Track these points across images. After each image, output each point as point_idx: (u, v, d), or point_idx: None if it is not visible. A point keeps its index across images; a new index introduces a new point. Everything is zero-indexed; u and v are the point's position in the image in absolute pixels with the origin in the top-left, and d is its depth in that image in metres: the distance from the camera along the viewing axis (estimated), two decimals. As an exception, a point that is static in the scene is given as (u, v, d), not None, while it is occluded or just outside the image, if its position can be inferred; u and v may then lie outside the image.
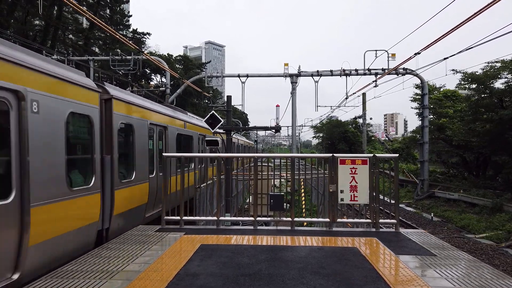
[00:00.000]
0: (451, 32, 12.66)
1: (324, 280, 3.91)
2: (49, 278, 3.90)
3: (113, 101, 6.41)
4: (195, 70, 45.18)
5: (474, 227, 15.90)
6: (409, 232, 6.20)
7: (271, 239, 5.61)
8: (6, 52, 4.00)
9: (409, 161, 40.48)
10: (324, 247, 5.23)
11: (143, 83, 37.74)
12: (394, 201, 6.33)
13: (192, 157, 10.23)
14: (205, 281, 3.85)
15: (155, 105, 9.15)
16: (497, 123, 18.82)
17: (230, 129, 11.46)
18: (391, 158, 6.96)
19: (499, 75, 19.58)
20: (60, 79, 4.95)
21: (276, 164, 14.06)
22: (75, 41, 31.31)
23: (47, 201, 4.49)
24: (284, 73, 24.06)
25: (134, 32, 36.90)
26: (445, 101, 27.55)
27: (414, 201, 23.83)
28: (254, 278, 3.95)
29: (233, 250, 5.02)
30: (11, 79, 4.00)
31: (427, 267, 4.34)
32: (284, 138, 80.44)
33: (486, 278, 3.96)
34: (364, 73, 23.03)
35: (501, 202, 17.09)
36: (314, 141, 79.34)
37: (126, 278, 3.89)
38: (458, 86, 23.84)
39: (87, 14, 12.98)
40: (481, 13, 10.99)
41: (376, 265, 4.39)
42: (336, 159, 6.20)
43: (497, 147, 20.39)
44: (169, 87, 24.19)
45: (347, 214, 7.19)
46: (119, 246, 5.16)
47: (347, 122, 52.41)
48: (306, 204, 15.88)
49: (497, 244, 13.34)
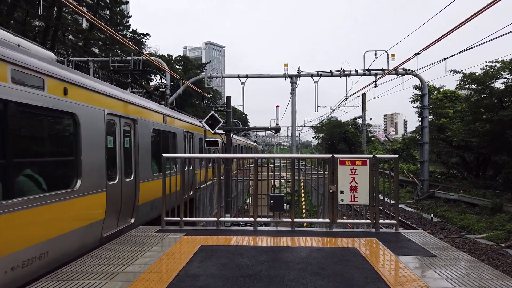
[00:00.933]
0: (450, 32, 12.68)
1: (324, 281, 3.91)
2: (49, 279, 3.90)
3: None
4: (194, 70, 45.23)
5: (474, 227, 15.91)
6: (409, 233, 6.20)
7: (271, 240, 5.61)
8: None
9: (409, 161, 40.49)
10: (324, 247, 5.23)
11: (143, 83, 37.76)
12: (394, 202, 6.33)
13: (194, 158, 9.93)
14: (205, 282, 3.85)
15: (117, 90, 7.03)
16: (497, 123, 18.82)
17: (230, 130, 11.46)
18: (391, 159, 6.97)
19: (499, 75, 19.59)
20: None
21: (276, 165, 14.05)
22: (74, 42, 31.30)
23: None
24: (284, 74, 24.10)
25: (134, 33, 36.91)
26: (445, 101, 27.57)
27: (414, 202, 23.84)
28: (254, 279, 3.95)
29: (233, 251, 5.02)
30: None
31: (427, 268, 4.34)
32: (284, 139, 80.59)
33: (486, 279, 3.96)
34: (364, 73, 23.07)
35: (501, 202, 17.10)
36: (314, 141, 79.37)
37: (126, 280, 3.89)
38: (458, 87, 23.86)
39: (87, 15, 13.00)
40: (480, 14, 11.01)
41: (376, 265, 4.39)
42: (336, 160, 6.20)
43: (497, 147, 20.40)
44: (169, 87, 24.18)
45: (347, 214, 7.19)
46: (119, 247, 5.16)
47: (347, 123, 52.44)
48: (306, 204, 15.87)
49: (497, 244, 13.34)
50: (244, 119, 76.26)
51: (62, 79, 5.02)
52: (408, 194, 26.68)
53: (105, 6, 32.58)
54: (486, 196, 18.91)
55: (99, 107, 5.95)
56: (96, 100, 5.86)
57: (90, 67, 22.44)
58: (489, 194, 19.01)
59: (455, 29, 12.32)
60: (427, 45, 15.15)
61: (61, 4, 23.42)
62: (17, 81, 4.21)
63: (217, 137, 10.98)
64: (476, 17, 11.19)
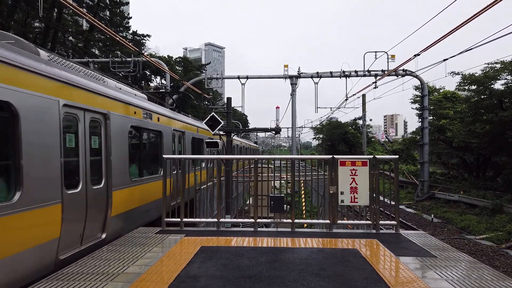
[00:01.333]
0: (450, 33, 12.68)
1: (325, 282, 3.91)
2: (49, 280, 3.90)
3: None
4: (194, 71, 45.20)
5: (474, 228, 15.90)
6: (410, 234, 6.21)
7: (271, 241, 5.61)
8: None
9: (409, 162, 40.47)
10: (325, 248, 5.23)
11: (143, 85, 37.79)
12: (394, 203, 6.33)
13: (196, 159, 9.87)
14: (206, 283, 3.85)
15: (82, 77, 5.72)
16: (497, 124, 18.82)
17: (230, 131, 11.47)
18: (391, 160, 6.97)
19: (499, 76, 19.59)
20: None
21: (276, 166, 14.03)
22: (75, 43, 31.33)
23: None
24: (284, 75, 24.09)
25: (134, 34, 36.95)
26: (445, 102, 27.58)
27: (414, 202, 23.83)
28: (254, 280, 3.95)
29: (233, 252, 5.02)
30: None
31: (428, 269, 4.34)
32: (284, 140, 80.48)
33: (486, 280, 3.96)
34: (364, 74, 23.05)
35: (501, 203, 17.09)
36: (314, 142, 79.32)
37: (127, 281, 3.89)
38: (458, 88, 23.87)
39: (87, 16, 13.00)
40: (480, 15, 11.02)
41: (377, 266, 4.39)
42: (336, 161, 6.21)
43: (497, 148, 20.40)
44: (169, 88, 24.21)
45: (347, 215, 7.19)
46: (120, 248, 5.16)
47: (347, 124, 52.41)
48: (306, 205, 15.87)
49: (497, 245, 13.33)
50: (244, 120, 76.22)
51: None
52: (408, 195, 26.67)
53: (105, 7, 32.62)
54: (486, 197, 18.90)
55: (51, 96, 4.68)
56: (45, 88, 4.60)
57: (90, 68, 22.45)
58: (489, 195, 19.00)
59: (455, 30, 12.33)
60: (427, 46, 15.14)
61: (61, 5, 23.47)
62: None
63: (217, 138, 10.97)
64: (476, 18, 11.20)
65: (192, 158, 9.71)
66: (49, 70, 4.76)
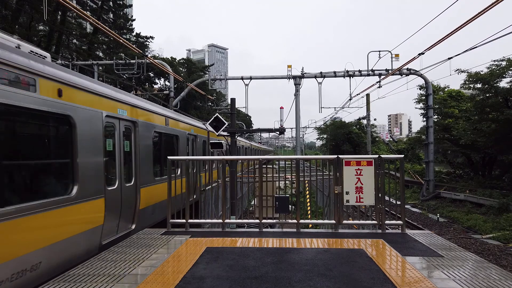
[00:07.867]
0: (455, 31, 12.62)
1: (331, 282, 3.89)
2: (56, 282, 3.92)
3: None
4: (198, 73, 45.33)
5: (481, 227, 15.79)
6: (416, 233, 6.17)
7: (276, 242, 5.60)
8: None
9: (414, 161, 40.31)
10: (330, 249, 5.21)
11: (147, 87, 37.93)
12: (400, 202, 6.30)
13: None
14: (212, 284, 3.85)
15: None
16: (503, 122, 18.68)
17: (234, 131, 11.47)
18: (396, 159, 6.92)
19: (504, 74, 19.45)
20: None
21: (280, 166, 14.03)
22: (79, 46, 31.54)
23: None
24: (287, 75, 24.11)
25: (138, 36, 37.13)
26: (450, 101, 27.44)
27: (420, 202, 23.71)
28: (260, 280, 3.94)
29: (239, 252, 5.02)
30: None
31: (434, 268, 4.31)
32: (288, 140, 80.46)
33: (493, 279, 3.93)
34: (368, 74, 23.01)
35: (507, 202, 16.96)
36: (318, 142, 79.14)
37: (133, 282, 3.90)
38: (463, 86, 23.74)
39: (91, 19, 13.09)
40: (485, 12, 10.95)
41: (383, 266, 4.37)
42: (341, 161, 6.19)
43: (503, 147, 20.25)
44: (172, 90, 24.28)
45: (352, 215, 7.17)
46: (125, 250, 5.18)
47: (351, 123, 52.28)
48: (311, 206, 15.84)
49: (504, 244, 13.23)
50: (248, 121, 76.27)
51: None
52: (414, 194, 26.54)
53: (108, 10, 32.85)
54: (492, 196, 18.75)
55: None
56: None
57: (95, 71, 22.59)
58: (495, 194, 18.85)
59: (460, 28, 12.27)
60: (432, 45, 15.10)
61: (65, 8, 23.62)
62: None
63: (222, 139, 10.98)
64: (481, 16, 11.13)
65: (197, 160, 9.68)
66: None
